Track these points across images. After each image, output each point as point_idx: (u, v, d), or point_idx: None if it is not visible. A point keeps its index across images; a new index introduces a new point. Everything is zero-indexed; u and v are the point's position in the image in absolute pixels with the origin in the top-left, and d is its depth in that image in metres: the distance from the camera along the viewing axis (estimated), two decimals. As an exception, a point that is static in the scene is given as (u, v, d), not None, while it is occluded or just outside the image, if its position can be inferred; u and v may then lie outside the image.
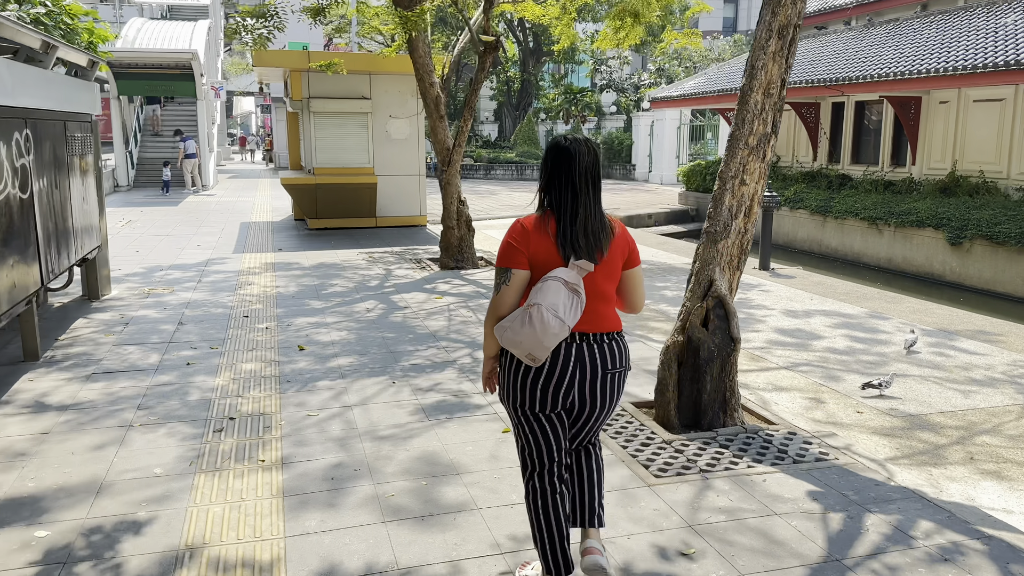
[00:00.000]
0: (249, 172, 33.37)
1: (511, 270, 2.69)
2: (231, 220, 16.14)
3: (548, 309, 2.56)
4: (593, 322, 2.73)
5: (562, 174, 2.70)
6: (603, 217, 2.75)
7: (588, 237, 2.68)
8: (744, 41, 43.25)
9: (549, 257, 2.68)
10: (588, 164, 2.71)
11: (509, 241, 2.71)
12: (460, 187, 10.53)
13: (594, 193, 2.73)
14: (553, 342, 2.60)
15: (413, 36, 10.07)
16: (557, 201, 2.71)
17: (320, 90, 14.03)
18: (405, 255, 11.69)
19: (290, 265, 10.72)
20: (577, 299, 2.62)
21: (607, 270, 2.75)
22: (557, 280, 2.61)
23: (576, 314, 2.63)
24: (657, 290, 9.51)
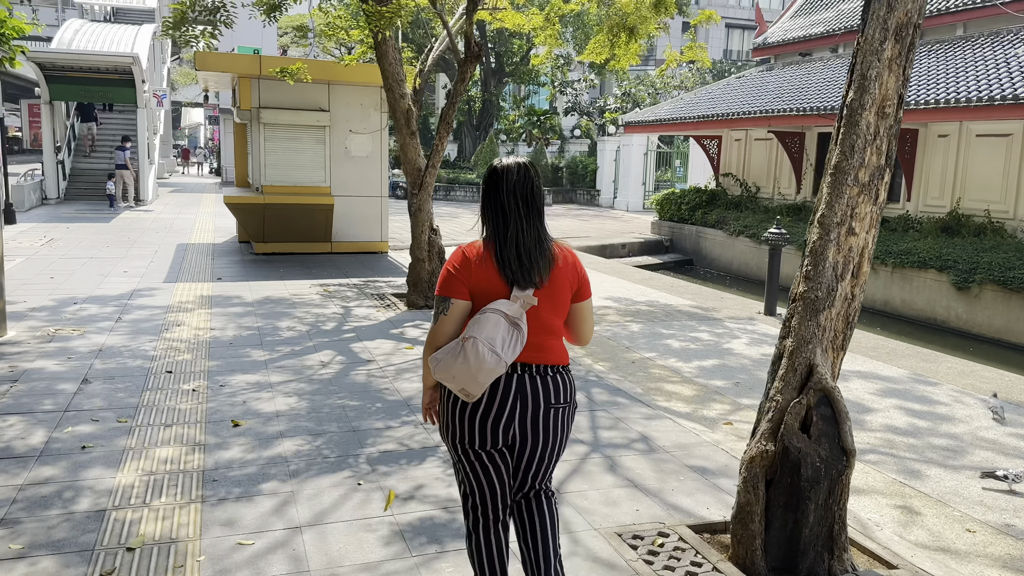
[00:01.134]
0: (193, 186, 31.43)
1: (450, 300, 2.55)
2: (167, 241, 14.46)
3: (484, 343, 2.43)
4: (537, 354, 2.58)
5: (492, 196, 2.60)
6: (542, 241, 2.58)
7: (522, 260, 2.53)
8: (708, 69, 42.96)
9: (491, 287, 2.54)
10: (517, 183, 2.57)
11: (449, 269, 2.58)
12: (432, 213, 9.16)
13: (527, 213, 2.58)
14: (488, 378, 2.47)
15: (383, 39, 8.72)
16: (492, 224, 2.60)
17: (272, 100, 12.54)
18: (366, 289, 10.23)
19: (230, 299, 9.18)
20: (517, 333, 2.49)
21: (554, 302, 2.59)
22: (496, 313, 2.48)
23: (515, 350, 2.49)
24: (661, 339, 8.23)
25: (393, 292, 9.97)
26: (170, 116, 40.80)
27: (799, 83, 16.58)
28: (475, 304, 2.56)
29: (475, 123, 40.74)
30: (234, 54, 12.18)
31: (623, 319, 9.27)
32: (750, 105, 16.40)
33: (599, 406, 5.64)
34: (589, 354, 7.48)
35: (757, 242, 16.75)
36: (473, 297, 2.56)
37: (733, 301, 10.92)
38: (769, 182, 18.52)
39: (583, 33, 31.46)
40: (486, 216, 2.63)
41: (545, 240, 2.60)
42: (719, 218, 18.47)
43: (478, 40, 8.60)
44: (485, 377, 2.45)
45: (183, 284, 10.09)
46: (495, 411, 2.55)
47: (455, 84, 8.74)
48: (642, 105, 35.46)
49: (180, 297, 9.24)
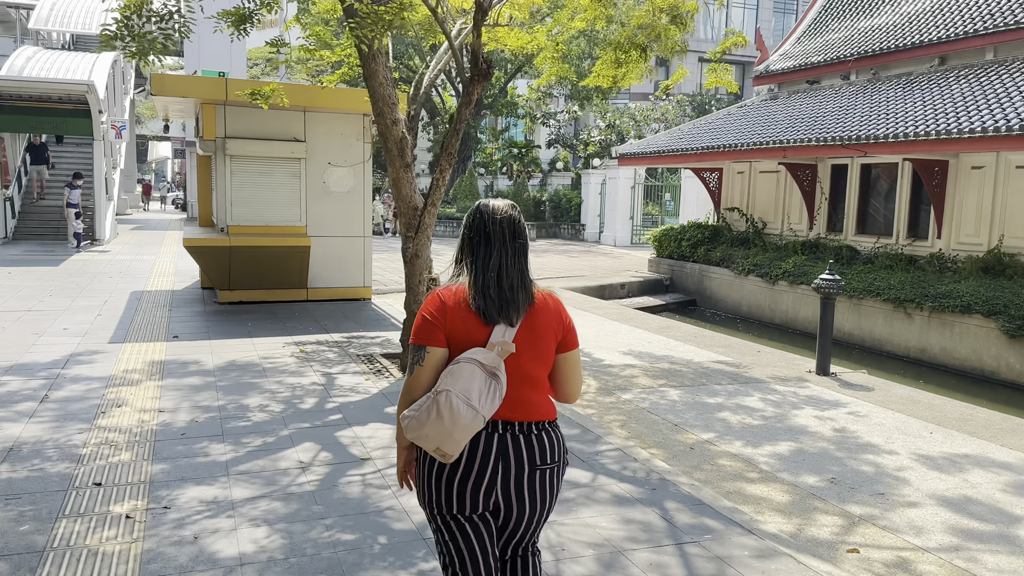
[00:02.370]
0: (156, 223, 29.66)
1: (425, 348, 2.33)
2: (121, 288, 12.81)
3: (459, 396, 2.22)
4: (520, 409, 2.37)
5: (477, 227, 2.43)
6: (524, 277, 2.41)
7: (503, 290, 2.36)
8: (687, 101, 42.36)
9: (468, 334, 2.33)
10: (504, 218, 2.43)
11: (423, 315, 2.36)
12: (431, 260, 7.70)
13: (513, 246, 2.42)
14: (465, 435, 2.25)
15: (372, 54, 7.33)
16: (472, 254, 2.42)
17: (240, 128, 11.07)
18: (349, 348, 8.71)
19: (187, 366, 7.61)
20: (495, 384, 2.27)
21: (536, 351, 2.39)
22: (471, 362, 2.26)
23: (494, 402, 2.27)
24: (710, 412, 6.81)
25: (383, 352, 8.45)
26: (134, 150, 39.05)
27: (811, 112, 15.47)
28: (452, 353, 2.36)
29: (453, 156, 39.47)
30: (196, 77, 10.73)
31: (655, 382, 7.84)
32: (759, 136, 15.25)
33: (686, 534, 4.17)
34: (636, 437, 6.03)
35: (769, 282, 15.51)
36: (449, 345, 2.35)
37: (771, 356, 9.56)
38: (777, 217, 17.33)
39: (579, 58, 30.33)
40: (467, 251, 2.45)
41: (527, 278, 2.44)
42: (724, 255, 17.22)
43: (487, 55, 7.23)
44: (461, 434, 2.25)
45: (132, 345, 8.49)
46: (475, 474, 2.33)
47: (459, 108, 7.34)
48: (627, 137, 34.49)
49: (127, 364, 7.64)
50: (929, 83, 13.96)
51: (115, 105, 26.43)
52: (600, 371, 8.28)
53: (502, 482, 2.35)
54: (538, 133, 42.68)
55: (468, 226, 2.47)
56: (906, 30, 15.47)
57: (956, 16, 14.50)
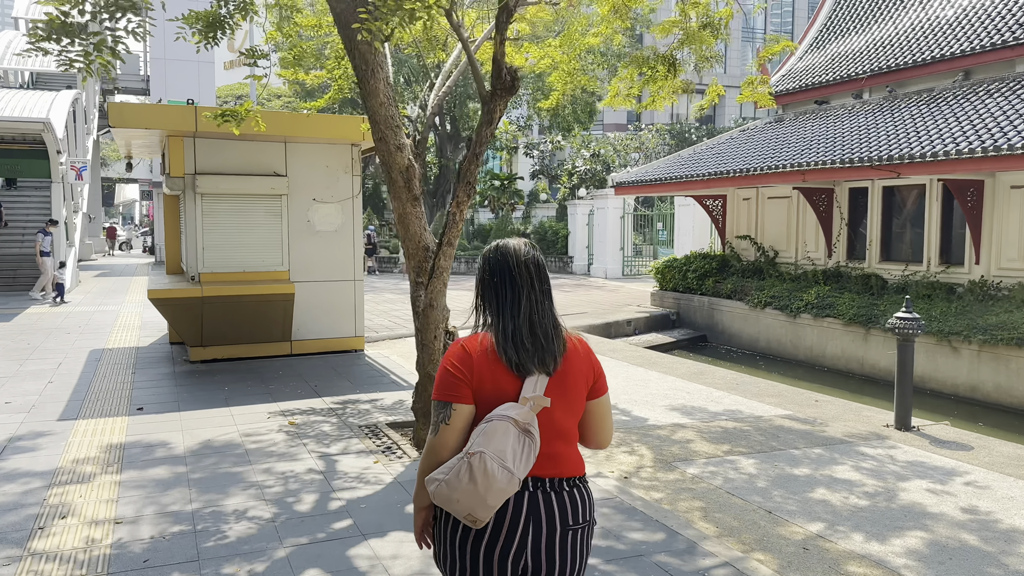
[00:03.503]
0: (122, 268, 28.01)
1: (452, 405, 2.14)
2: (78, 346, 11.33)
3: (493, 458, 2.03)
4: (550, 465, 2.19)
5: (500, 271, 2.25)
6: (556, 321, 2.24)
7: (537, 338, 2.18)
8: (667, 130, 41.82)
9: (497, 387, 2.15)
10: (528, 258, 2.26)
11: (448, 368, 2.17)
12: (449, 310, 6.40)
13: (540, 288, 2.24)
14: (500, 500, 2.06)
15: (371, 71, 6.11)
16: (495, 298, 2.23)
17: (212, 163, 9.75)
18: (348, 416, 7.34)
19: (152, 450, 6.20)
20: (530, 442, 2.10)
21: (568, 401, 2.21)
22: (505, 420, 2.08)
23: (528, 462, 2.10)
24: (802, 488, 5.53)
25: (389, 421, 7.09)
26: (98, 193, 37.43)
27: (826, 133, 14.48)
28: (478, 409, 2.16)
29: (432, 190, 38.39)
30: (161, 105, 9.43)
31: (719, 449, 6.57)
32: (771, 160, 14.22)
33: None
34: (728, 533, 4.74)
35: (790, 315, 14.37)
36: (476, 401, 2.15)
37: (834, 407, 8.34)
38: (790, 245, 16.27)
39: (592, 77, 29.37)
40: (489, 297, 2.25)
41: (559, 323, 2.25)
42: (736, 287, 16.09)
43: (511, 67, 6.01)
44: (495, 499, 2.05)
45: (86, 423, 7.06)
46: (503, 538, 2.12)
47: (479, 128, 6.11)
48: (613, 167, 33.59)
49: (78, 450, 6.22)
50: (956, 99, 13.03)
51: (76, 146, 24.96)
52: (648, 435, 6.99)
53: (532, 545, 2.16)
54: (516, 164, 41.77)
55: (488, 268, 2.28)
56: (923, 43, 14.60)
57: (979, 27, 13.64)
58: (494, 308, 2.24)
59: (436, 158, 37.38)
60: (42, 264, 17.34)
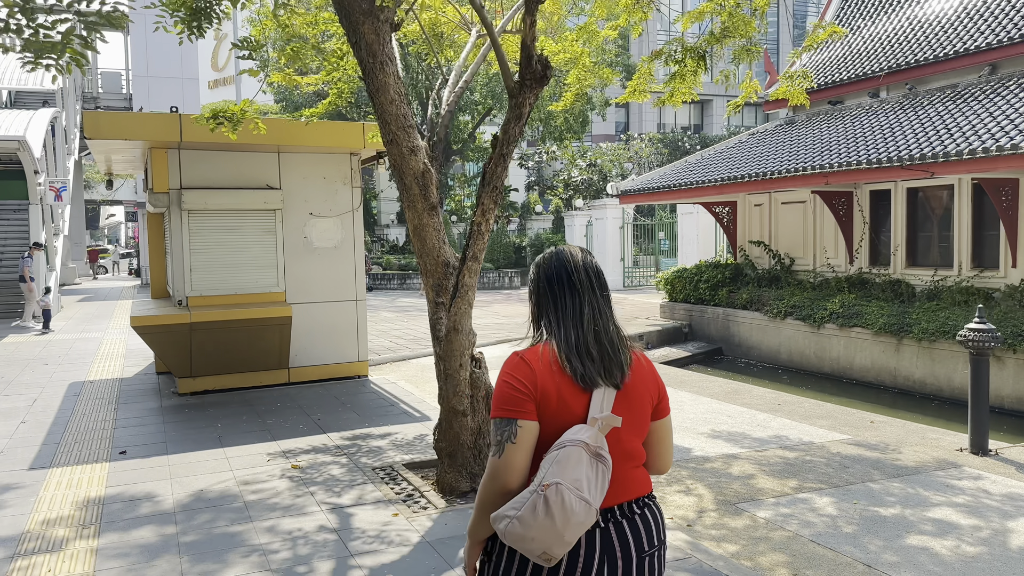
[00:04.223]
0: (107, 292, 27.02)
1: (516, 422, 1.94)
2: (57, 379, 10.44)
3: (570, 489, 1.85)
4: (620, 489, 2.02)
5: (559, 278, 2.09)
6: (620, 331, 2.09)
7: (602, 345, 2.03)
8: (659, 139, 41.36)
9: (563, 405, 1.97)
10: (589, 263, 2.13)
11: (508, 382, 1.98)
12: (474, 335, 5.59)
13: (601, 293, 2.10)
14: (577, 534, 1.88)
15: (380, 61, 5.34)
16: (554, 307, 2.07)
17: (199, 176, 8.93)
18: (359, 456, 6.50)
19: (136, 505, 5.34)
20: (603, 468, 1.92)
21: (634, 419, 2.05)
22: (576, 444, 1.90)
23: (603, 489, 1.92)
24: (898, 535, 4.73)
25: (407, 461, 6.25)
26: (81, 215, 36.45)
27: (845, 134, 13.80)
28: (542, 428, 1.97)
29: (423, 205, 37.59)
30: (142, 114, 8.64)
31: (785, 485, 5.77)
32: (786, 163, 13.51)
33: None
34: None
35: (813, 325, 13.62)
36: (540, 418, 1.96)
37: (893, 429, 7.57)
38: (807, 251, 15.55)
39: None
40: (546, 306, 2.09)
41: (623, 333, 2.10)
42: (752, 297, 15.34)
43: (541, 54, 5.24)
44: (574, 533, 1.88)
45: (61, 472, 6.19)
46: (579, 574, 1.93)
47: (506, 125, 5.33)
48: (610, 176, 32.95)
49: (49, 508, 5.35)
50: (984, 94, 12.36)
51: (56, 167, 24.06)
52: (701, 470, 6.18)
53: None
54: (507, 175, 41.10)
55: (544, 276, 2.12)
56: (944, 37, 13.96)
57: (1004, 19, 13.01)
58: (554, 317, 2.08)
59: (427, 172, 36.62)
60: (27, 289, 16.38)
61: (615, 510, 2.02)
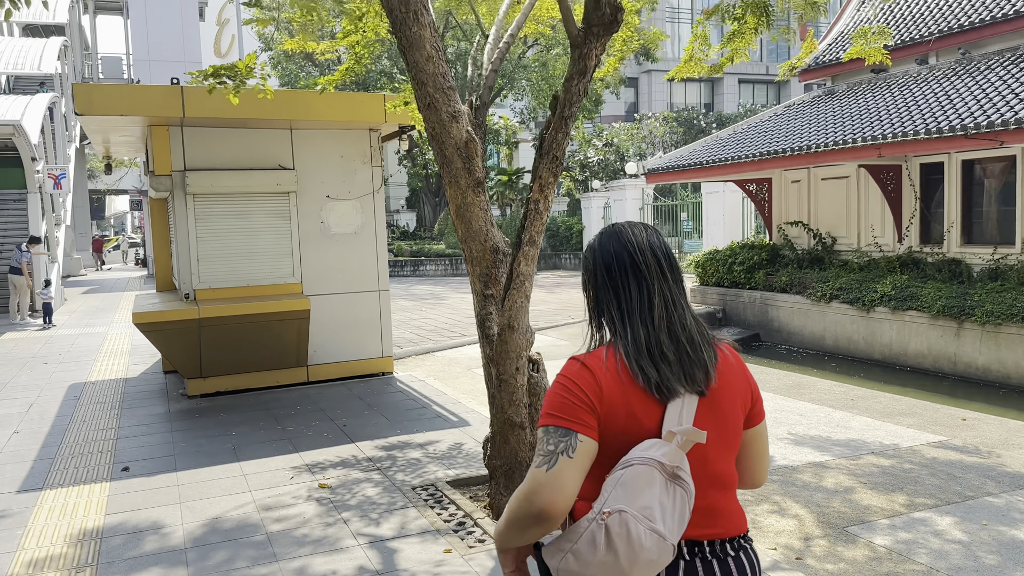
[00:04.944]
0: (112, 283, 26.29)
1: (574, 434, 1.57)
2: (56, 379, 9.67)
3: (638, 518, 1.51)
4: (707, 521, 1.64)
5: (616, 263, 1.72)
6: (701, 323, 1.72)
7: (679, 343, 1.66)
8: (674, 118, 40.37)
9: (632, 418, 1.59)
10: (657, 243, 1.74)
11: (567, 386, 1.62)
12: (532, 333, 4.75)
13: (673, 279, 1.72)
14: (648, 575, 1.53)
15: (413, 11, 4.49)
16: (616, 300, 1.70)
17: (205, 156, 8.10)
18: (394, 472, 5.68)
19: (140, 539, 4.55)
20: (682, 492, 1.56)
21: (723, 432, 1.68)
22: (647, 463, 1.54)
23: (682, 520, 1.57)
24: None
25: (450, 478, 5.43)
26: (86, 205, 35.72)
27: (894, 103, 12.86)
28: (605, 450, 1.59)
29: (433, 189, 36.81)
30: (140, 86, 7.75)
31: (893, 501, 4.94)
32: (831, 135, 12.59)
33: None
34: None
35: (862, 308, 12.75)
36: (603, 437, 1.59)
37: (986, 426, 6.72)
38: (850, 230, 14.64)
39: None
40: (607, 300, 1.72)
41: (704, 326, 1.73)
42: (792, 279, 14.45)
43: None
44: (643, 574, 1.52)
45: (54, 495, 5.40)
46: None
47: (568, 83, 4.47)
48: (627, 156, 32.00)
49: (39, 542, 4.56)
50: (1050, 55, 11.41)
51: (56, 154, 23.25)
52: (789, 483, 5.35)
53: None
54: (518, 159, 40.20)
55: (600, 263, 1.75)
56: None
57: (1070, -26, 12.04)
58: (616, 313, 1.70)
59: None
60: (22, 284, 15.61)
61: (704, 545, 1.65)
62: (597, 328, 1.77)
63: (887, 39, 7.17)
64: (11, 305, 15.81)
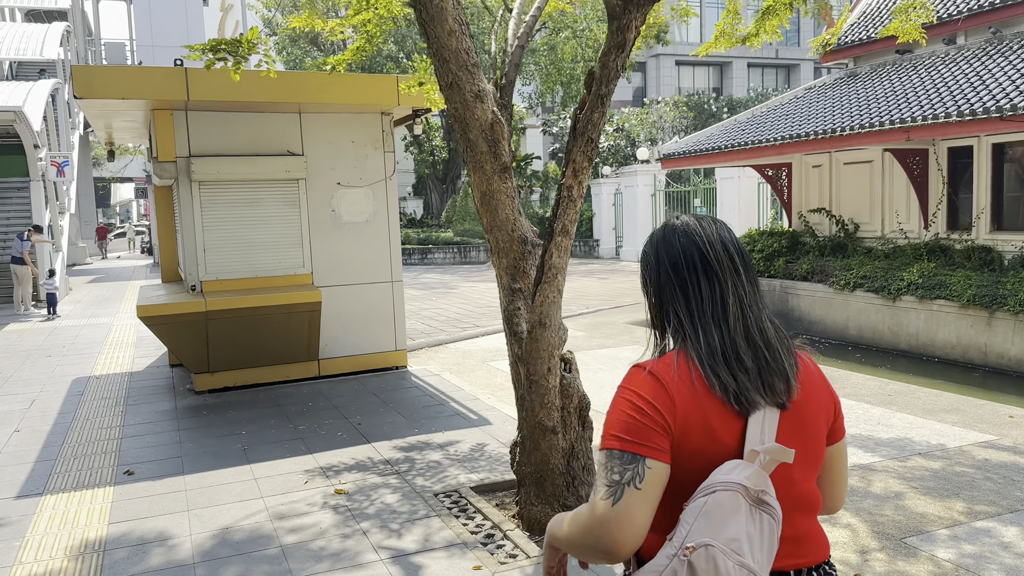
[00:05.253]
0: (118, 272, 26.03)
1: (642, 460, 1.39)
2: (60, 373, 9.38)
3: (726, 552, 1.33)
4: (792, 549, 1.47)
5: (684, 260, 1.53)
6: (779, 327, 1.54)
7: (757, 349, 1.48)
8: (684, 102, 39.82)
9: (710, 436, 1.42)
10: (728, 238, 1.56)
11: (635, 403, 1.43)
12: (565, 331, 4.40)
13: (747, 277, 1.53)
14: None
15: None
16: (685, 301, 1.52)
17: (210, 142, 7.75)
18: (414, 476, 5.36)
19: (144, 553, 4.23)
20: (769, 521, 1.38)
21: (808, 448, 1.50)
22: (731, 488, 1.36)
23: (771, 550, 1.39)
24: None
25: (474, 483, 5.10)
26: (91, 193, 35.46)
27: (923, 84, 12.42)
28: (679, 471, 1.42)
29: (440, 175, 36.42)
30: (142, 68, 7.39)
31: (951, 508, 4.60)
32: (856, 118, 12.17)
33: None
34: None
35: (887, 297, 12.36)
36: (676, 457, 1.41)
37: (1043, 424, 6.37)
38: (874, 216, 14.23)
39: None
40: (674, 300, 1.53)
41: (782, 330, 1.55)
42: (813, 267, 14.07)
43: (650, -39, 4.00)
44: None
45: (54, 501, 5.10)
46: None
47: (605, 56, 4.09)
48: (638, 141, 31.55)
49: (37, 555, 4.25)
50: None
51: (60, 142, 22.94)
52: (837, 487, 5.00)
53: None
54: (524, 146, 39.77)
55: (668, 260, 1.56)
56: (1033, -26, 12.49)
57: (1108, -52, 11.55)
58: (686, 315, 1.51)
59: (445, 141, 35.39)
60: (24, 273, 15.32)
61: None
62: (661, 334, 1.59)
63: (929, 15, 6.76)
64: (15, 296, 15.55)
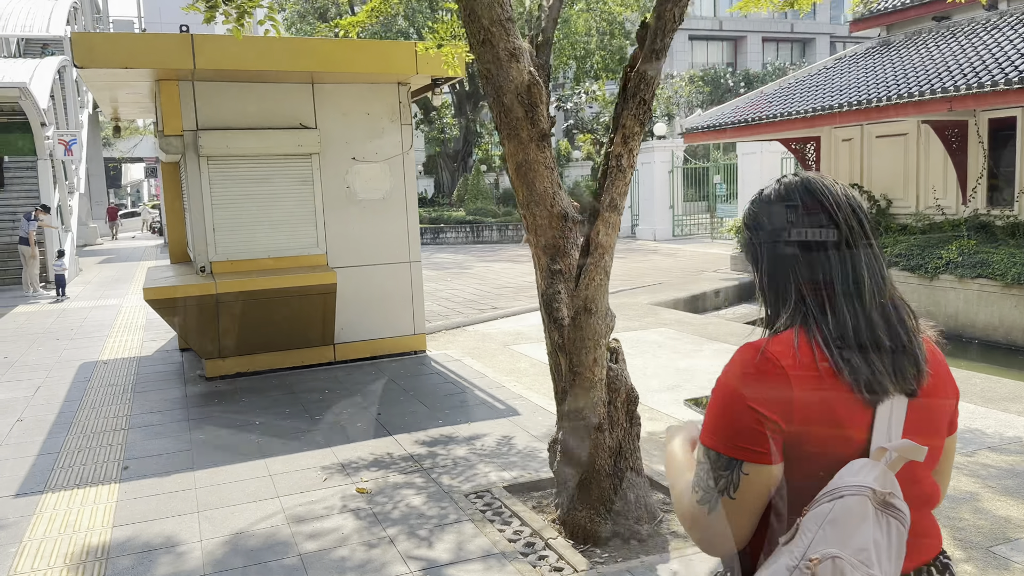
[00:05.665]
0: (128, 252, 25.72)
1: (738, 465, 1.26)
2: (67, 358, 9.03)
3: (855, 565, 1.18)
4: (914, 549, 1.30)
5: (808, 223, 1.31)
6: (907, 304, 1.35)
7: (892, 328, 1.30)
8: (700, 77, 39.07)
9: (836, 428, 1.26)
10: (849, 196, 1.33)
11: (743, 394, 1.26)
12: (613, 317, 3.97)
13: (876, 248, 1.33)
14: None
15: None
16: (810, 271, 1.30)
17: (219, 115, 7.31)
18: (440, 474, 4.96)
19: (150, 560, 3.85)
20: (897, 525, 1.23)
21: (931, 441, 1.33)
22: (860, 492, 1.20)
23: (900, 558, 1.24)
24: None
25: (507, 482, 4.69)
26: (101, 173, 35.12)
27: (964, 52, 11.82)
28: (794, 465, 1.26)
29: (451, 154, 35.86)
30: (145, 35, 6.98)
31: (1040, 512, 4.16)
32: (893, 88, 11.60)
33: None
34: None
35: (925, 276, 11.87)
36: (793, 450, 1.25)
37: (1117, 414, 5.90)
38: (908, 191, 13.69)
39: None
40: (794, 270, 1.31)
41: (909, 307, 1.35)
42: (844, 245, 13.55)
43: None
44: None
45: (55, 500, 4.73)
46: None
47: (660, 6, 3.63)
48: (655, 117, 30.88)
49: (33, 565, 3.88)
50: None
51: (68, 120, 22.55)
52: (905, 486, 4.57)
53: None
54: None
55: (786, 222, 1.33)
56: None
57: None
58: (810, 287, 1.30)
59: (455, 118, 34.80)
60: (29, 255, 14.98)
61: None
62: (775, 310, 1.35)
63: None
64: (24, 277, 15.23)
